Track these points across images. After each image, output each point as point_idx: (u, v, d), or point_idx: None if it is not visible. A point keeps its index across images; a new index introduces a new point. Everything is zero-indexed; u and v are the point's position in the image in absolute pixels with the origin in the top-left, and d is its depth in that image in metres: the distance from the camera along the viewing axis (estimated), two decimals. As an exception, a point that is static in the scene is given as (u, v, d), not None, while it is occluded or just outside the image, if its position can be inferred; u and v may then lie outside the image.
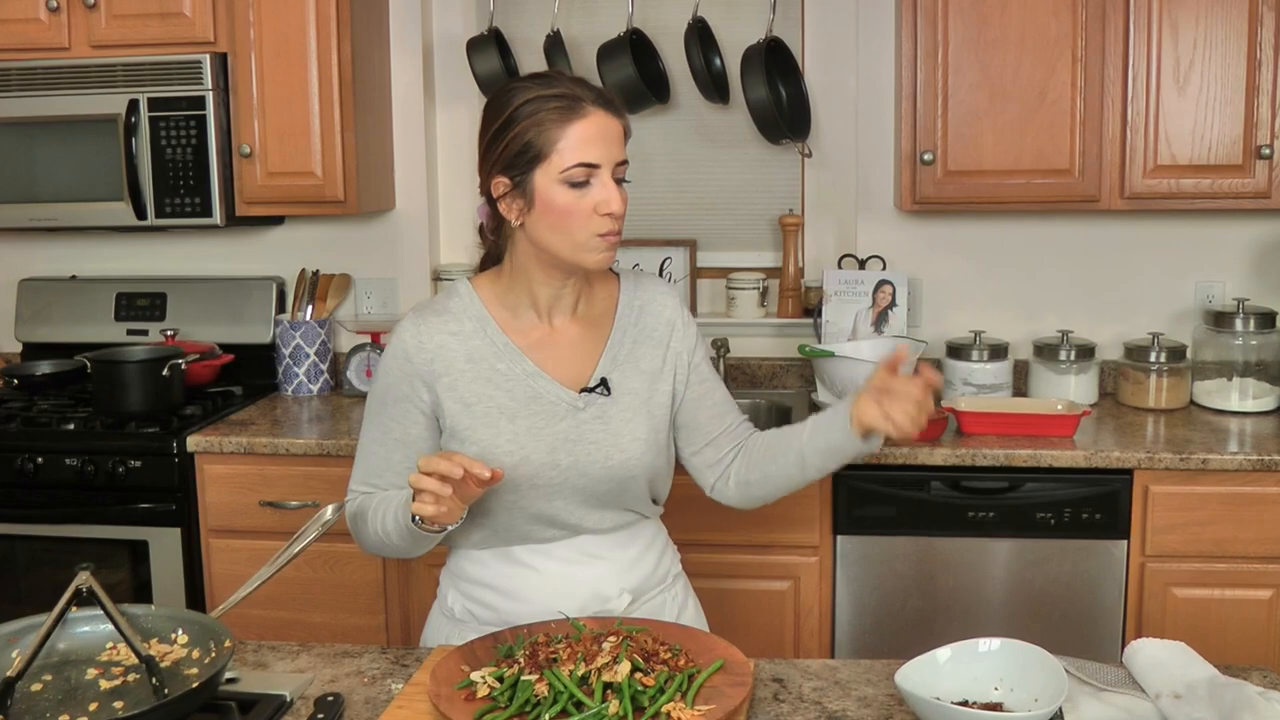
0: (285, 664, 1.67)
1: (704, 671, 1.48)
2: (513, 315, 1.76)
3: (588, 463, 1.71)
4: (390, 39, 3.38)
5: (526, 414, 1.71)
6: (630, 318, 1.81)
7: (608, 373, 1.76)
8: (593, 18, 3.36)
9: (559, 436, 1.71)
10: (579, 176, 1.63)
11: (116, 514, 2.88)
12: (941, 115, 2.92)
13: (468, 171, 3.53)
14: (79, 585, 1.52)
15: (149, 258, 3.56)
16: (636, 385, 1.77)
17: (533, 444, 1.70)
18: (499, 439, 1.69)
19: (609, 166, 1.65)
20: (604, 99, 1.67)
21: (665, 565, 1.85)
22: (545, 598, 1.74)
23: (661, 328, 1.82)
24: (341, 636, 2.90)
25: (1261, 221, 3.19)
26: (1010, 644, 1.50)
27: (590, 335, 1.78)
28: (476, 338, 1.74)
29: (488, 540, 1.76)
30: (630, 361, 1.78)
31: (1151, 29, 2.82)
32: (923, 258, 3.30)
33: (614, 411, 1.74)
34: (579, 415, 1.72)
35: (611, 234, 1.66)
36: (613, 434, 1.73)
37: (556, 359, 1.75)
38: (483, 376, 1.72)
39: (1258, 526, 2.65)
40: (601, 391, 1.74)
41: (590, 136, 1.63)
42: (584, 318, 1.79)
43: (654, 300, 1.83)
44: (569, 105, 1.63)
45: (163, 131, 3.04)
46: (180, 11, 3.06)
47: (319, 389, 3.38)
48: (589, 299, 1.80)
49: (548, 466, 1.70)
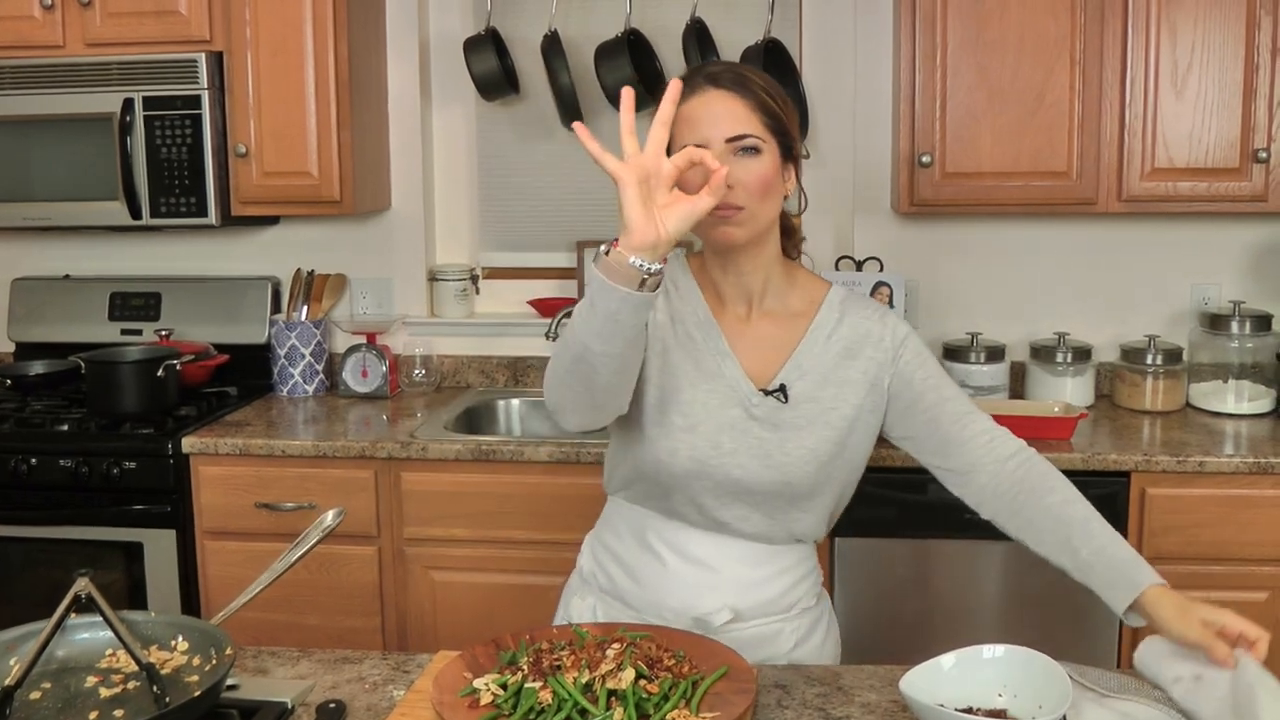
0: (285, 670, 1.66)
1: (708, 678, 1.47)
2: (713, 296, 1.75)
3: (747, 457, 1.69)
4: (387, 38, 3.37)
5: (706, 388, 1.71)
6: (826, 328, 1.74)
7: (789, 379, 1.72)
8: (590, 18, 3.36)
9: (727, 421, 1.70)
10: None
11: (111, 516, 2.87)
12: (940, 117, 2.92)
13: (464, 171, 3.52)
14: (78, 591, 1.51)
15: (143, 257, 3.54)
16: (817, 394, 1.72)
17: (703, 416, 1.70)
18: (679, 396, 1.70)
19: (718, 143, 1.60)
20: (713, 77, 1.63)
21: (795, 595, 1.79)
22: (661, 588, 1.74)
23: (861, 342, 1.74)
24: (337, 639, 2.89)
25: (1257, 224, 3.19)
26: (1015, 650, 1.50)
27: (782, 334, 1.74)
28: (684, 303, 1.74)
29: (637, 497, 1.77)
30: (816, 370, 1.72)
31: (1150, 32, 2.83)
32: (919, 259, 3.30)
33: (787, 418, 1.70)
34: (752, 410, 1.70)
35: (727, 208, 1.59)
36: (779, 439, 1.70)
37: (747, 347, 1.73)
38: (679, 338, 1.72)
39: (1254, 529, 2.66)
40: (779, 397, 1.71)
41: (694, 116, 1.61)
42: (775, 313, 1.75)
43: (862, 315, 1.76)
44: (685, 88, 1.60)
45: (158, 131, 3.03)
46: (176, 10, 3.04)
47: (314, 390, 3.36)
48: (780, 294, 1.75)
49: (710, 445, 1.69)
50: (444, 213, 3.55)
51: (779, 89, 1.68)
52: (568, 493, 2.80)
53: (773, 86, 1.67)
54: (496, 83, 3.28)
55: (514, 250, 3.55)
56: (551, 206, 3.51)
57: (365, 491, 2.88)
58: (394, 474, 2.88)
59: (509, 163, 3.51)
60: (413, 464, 2.87)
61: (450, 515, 2.88)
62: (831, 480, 1.74)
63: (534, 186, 3.51)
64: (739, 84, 1.63)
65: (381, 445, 2.86)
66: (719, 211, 1.58)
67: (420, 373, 3.43)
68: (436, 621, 2.92)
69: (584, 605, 1.83)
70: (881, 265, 3.26)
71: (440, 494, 2.88)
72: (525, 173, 3.50)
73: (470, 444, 2.86)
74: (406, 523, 2.89)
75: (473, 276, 3.50)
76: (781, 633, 1.77)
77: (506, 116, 3.48)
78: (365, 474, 2.88)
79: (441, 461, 2.85)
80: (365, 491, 2.88)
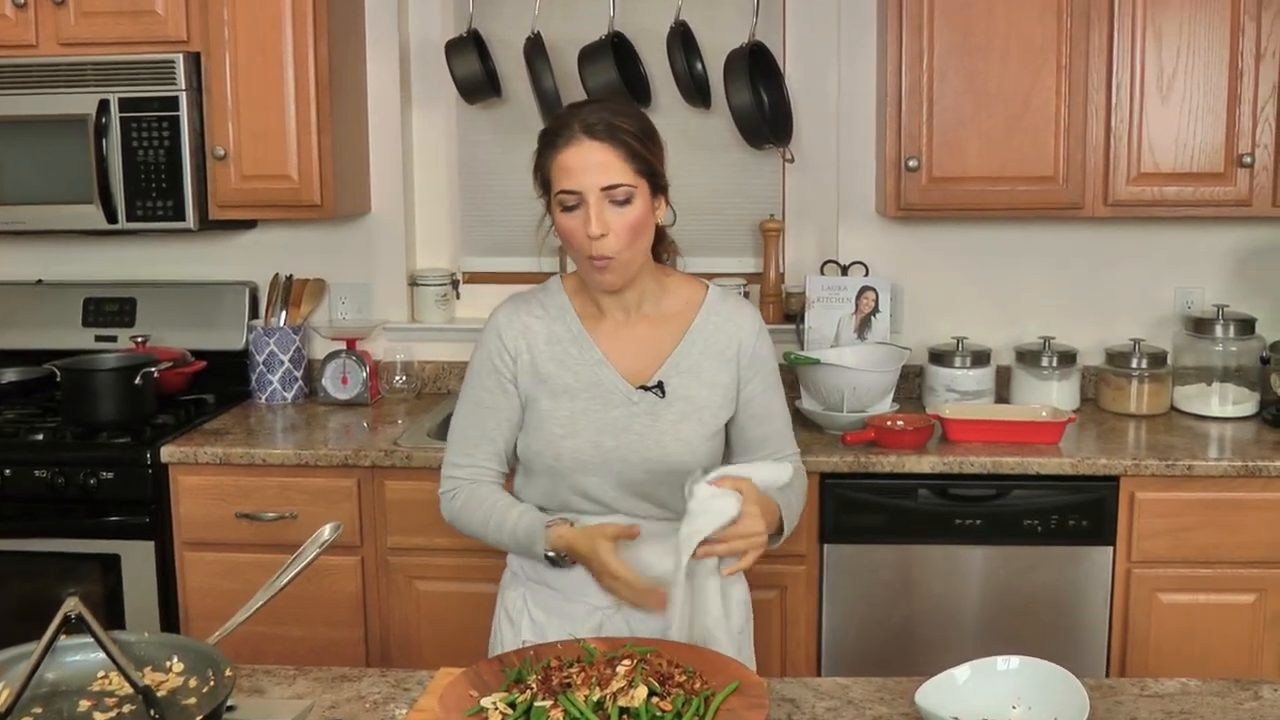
0: (282, 689, 1.62)
1: (719, 694, 1.45)
2: (592, 307, 1.92)
3: (629, 450, 1.86)
4: (366, 40, 3.32)
5: (586, 396, 1.87)
6: (704, 330, 1.91)
7: (667, 377, 1.88)
8: (573, 20, 3.32)
9: (608, 422, 1.86)
10: (568, 201, 1.78)
11: (87, 527, 2.80)
12: (927, 122, 2.91)
13: (444, 175, 3.48)
14: (67, 612, 1.46)
15: (117, 262, 3.47)
16: (693, 393, 1.88)
17: (584, 422, 1.87)
18: (557, 411, 1.88)
19: (593, 192, 1.76)
20: (588, 127, 1.77)
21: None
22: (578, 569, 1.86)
23: (732, 346, 1.92)
24: (320, 651, 2.84)
25: (1239, 228, 3.21)
26: (1029, 662, 1.49)
27: (661, 335, 1.91)
28: (557, 324, 1.91)
29: (538, 502, 1.93)
30: (692, 372, 1.89)
31: (1135, 38, 2.83)
32: (902, 263, 3.29)
33: (664, 412, 1.87)
34: (632, 408, 1.87)
35: (599, 258, 1.78)
36: (658, 432, 1.86)
37: (623, 351, 1.89)
38: (556, 357, 1.90)
39: (1242, 531, 2.67)
40: (656, 393, 1.87)
41: (570, 166, 1.77)
42: (655, 316, 1.92)
43: (733, 319, 1.93)
44: (557, 135, 1.79)
45: (134, 133, 2.97)
46: (152, 9, 2.98)
47: (293, 397, 3.31)
48: (655, 300, 1.92)
49: (591, 446, 1.86)
50: (424, 216, 3.50)
51: (647, 127, 1.83)
52: (554, 500, 2.76)
53: (642, 128, 1.82)
54: (479, 85, 3.24)
55: (495, 255, 3.51)
56: (533, 210, 3.44)
57: (348, 501, 2.84)
58: (377, 482, 2.83)
59: (490, 166, 3.47)
60: (396, 472, 2.82)
61: (434, 524, 2.77)
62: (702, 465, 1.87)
63: (515, 190, 3.46)
64: (611, 134, 1.77)
65: (364, 453, 2.81)
66: (596, 261, 1.79)
67: (401, 379, 3.38)
68: (420, 632, 2.88)
69: (515, 596, 1.98)
70: (867, 270, 3.25)
71: (424, 502, 2.82)
72: (506, 176, 3.46)
73: (455, 451, 2.81)
74: (390, 532, 2.85)
75: (453, 281, 3.46)
76: None
77: (487, 119, 3.44)
78: (348, 483, 2.83)
79: (426, 470, 2.80)
80: (348, 501, 2.84)
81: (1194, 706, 1.55)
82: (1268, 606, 2.69)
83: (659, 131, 1.87)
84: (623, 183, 1.77)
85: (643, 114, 1.89)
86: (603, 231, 1.76)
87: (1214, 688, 1.61)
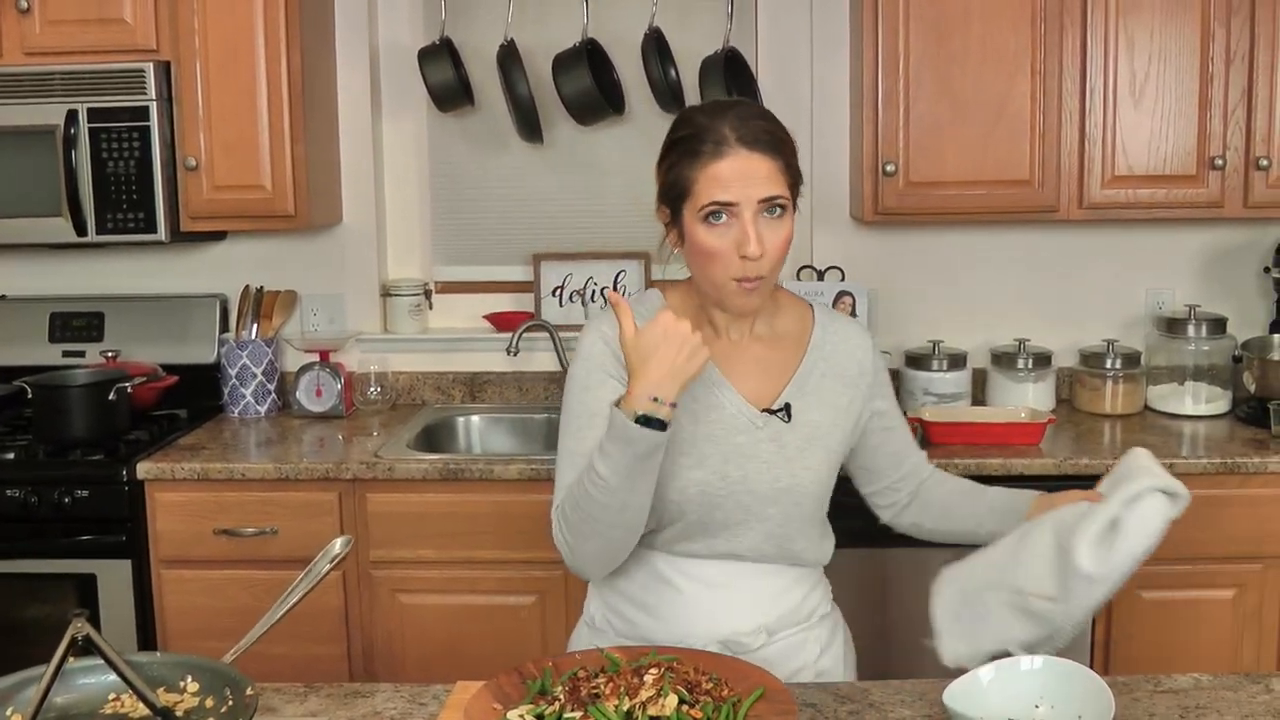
0: (295, 707, 1.59)
1: (745, 701, 1.44)
2: (704, 324, 1.75)
3: (756, 480, 1.71)
4: (336, 48, 3.29)
5: (707, 420, 1.71)
6: (823, 350, 1.79)
7: (792, 399, 1.75)
8: (545, 27, 3.30)
9: (734, 449, 1.71)
10: (716, 215, 1.62)
11: (62, 547, 2.74)
12: (903, 127, 2.93)
13: (415, 184, 3.45)
14: (74, 634, 1.42)
15: (84, 275, 3.40)
16: (818, 417, 1.76)
17: (710, 449, 1.70)
18: (679, 438, 1.68)
19: (750, 204, 1.61)
20: (747, 140, 1.62)
21: (811, 604, 1.81)
22: (682, 618, 1.73)
23: (853, 367, 1.81)
24: (302, 668, 2.79)
25: (1209, 229, 3.26)
26: (1053, 661, 1.50)
27: (777, 357, 1.77)
28: None
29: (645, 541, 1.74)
30: (816, 394, 1.77)
31: (1108, 43, 2.87)
32: (877, 267, 3.31)
33: (790, 437, 1.73)
34: (757, 433, 1.72)
35: (750, 280, 1.63)
36: (786, 458, 1.72)
37: (742, 373, 1.75)
38: None
39: (1220, 528, 2.71)
40: (782, 417, 1.73)
41: (726, 177, 1.61)
42: (766, 337, 1.78)
43: (849, 339, 1.82)
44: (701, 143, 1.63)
45: (104, 143, 2.91)
46: (120, 17, 2.92)
47: (266, 410, 3.26)
48: (769, 318, 1.78)
49: (718, 476, 1.70)
50: (396, 226, 3.47)
51: (790, 135, 1.69)
52: (538, 510, 2.71)
53: (790, 137, 1.68)
54: (453, 93, 3.21)
55: (468, 264, 3.48)
56: (506, 219, 3.46)
57: (329, 514, 2.80)
58: (359, 495, 2.80)
59: (462, 175, 3.44)
60: (378, 484, 2.79)
61: (417, 536, 2.80)
62: (826, 501, 1.80)
63: (488, 199, 3.45)
64: (771, 146, 1.63)
65: (346, 466, 2.77)
66: (744, 283, 1.64)
67: (375, 390, 3.34)
68: (405, 646, 2.84)
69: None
70: (843, 274, 3.26)
71: (407, 514, 2.80)
72: (479, 185, 3.44)
73: (437, 463, 2.79)
74: (372, 545, 2.81)
75: (426, 291, 3.43)
76: (806, 642, 1.78)
77: (459, 128, 3.42)
78: (329, 496, 2.79)
79: (408, 481, 2.78)
80: (329, 514, 2.80)
81: (1209, 701, 1.57)
82: (1246, 602, 2.74)
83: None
84: (780, 194, 1.63)
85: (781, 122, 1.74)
86: (762, 251, 1.61)
87: (1226, 682, 1.63)
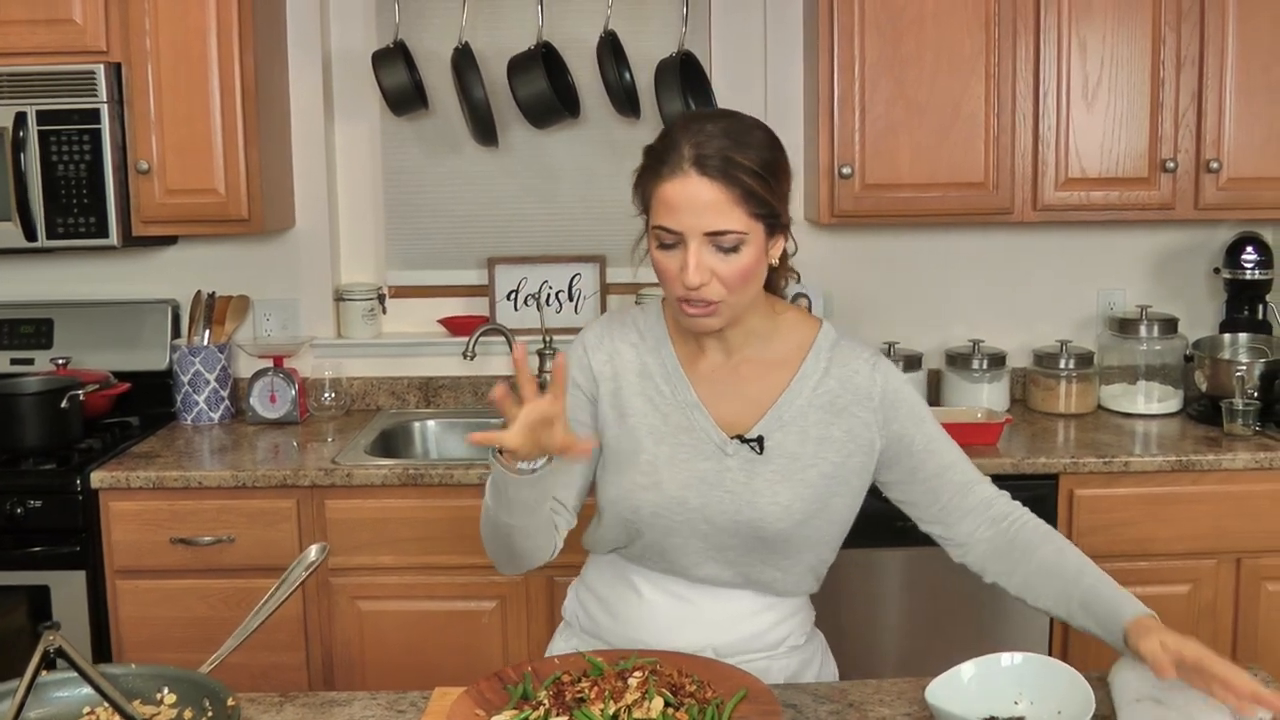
0: (270, 717, 1.56)
1: (729, 702, 1.44)
2: (693, 343, 1.68)
3: (716, 511, 1.63)
4: (289, 51, 3.25)
5: (673, 442, 1.65)
6: (811, 378, 1.66)
7: (768, 431, 1.64)
8: (500, 30, 3.29)
9: (696, 475, 1.63)
10: (666, 239, 1.56)
11: (14, 559, 2.67)
12: (859, 130, 2.96)
13: (368, 188, 3.41)
14: (46, 647, 1.39)
15: (32, 281, 3.32)
16: (796, 450, 1.64)
17: (668, 474, 1.64)
18: (639, 458, 1.65)
19: (695, 235, 1.52)
20: (699, 161, 1.51)
21: (781, 633, 1.72)
22: (635, 622, 1.71)
23: (847, 396, 1.66)
24: (260, 677, 2.75)
25: (1159, 231, 3.32)
26: (1032, 658, 1.52)
27: (762, 383, 1.67)
28: (651, 355, 1.70)
29: (610, 556, 1.75)
30: (797, 424, 1.65)
31: (1061, 47, 2.92)
32: (833, 270, 3.33)
33: (762, 469, 1.63)
34: (725, 460, 1.64)
35: (692, 303, 1.55)
36: (753, 490, 1.62)
37: (722, 396, 1.67)
38: (645, 392, 1.68)
39: (1175, 524, 2.76)
40: (754, 447, 1.63)
41: (673, 202, 1.53)
42: (755, 360, 1.68)
43: (847, 365, 1.67)
44: (662, 159, 1.56)
45: (54, 147, 2.84)
46: (70, 18, 2.86)
47: (220, 417, 3.21)
48: (763, 342, 1.68)
49: (676, 502, 1.63)
50: (350, 230, 3.43)
51: (771, 160, 1.56)
52: (500, 515, 2.72)
53: (766, 163, 1.54)
54: (407, 97, 3.18)
55: (422, 268, 3.45)
56: (460, 223, 3.43)
57: (287, 521, 2.76)
58: (318, 502, 2.76)
59: (416, 179, 3.41)
60: (337, 491, 2.76)
61: (377, 542, 2.78)
62: (809, 540, 1.67)
63: (442, 203, 3.42)
64: (724, 172, 1.51)
65: (304, 473, 2.74)
66: (688, 308, 1.56)
67: (329, 396, 3.30)
68: (365, 654, 2.81)
69: (566, 648, 1.77)
70: (799, 277, 3.26)
71: (365, 521, 2.77)
72: (433, 189, 3.41)
73: (397, 468, 2.76)
74: (332, 552, 2.75)
75: (380, 296, 3.40)
76: (769, 670, 1.69)
77: (412, 131, 3.39)
78: (287, 503, 2.76)
79: (367, 487, 2.75)
80: (287, 521, 2.76)
81: (1179, 694, 1.59)
82: (1200, 597, 2.79)
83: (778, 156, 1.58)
84: (731, 229, 1.51)
85: (771, 141, 1.58)
86: (702, 281, 1.52)
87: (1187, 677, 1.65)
